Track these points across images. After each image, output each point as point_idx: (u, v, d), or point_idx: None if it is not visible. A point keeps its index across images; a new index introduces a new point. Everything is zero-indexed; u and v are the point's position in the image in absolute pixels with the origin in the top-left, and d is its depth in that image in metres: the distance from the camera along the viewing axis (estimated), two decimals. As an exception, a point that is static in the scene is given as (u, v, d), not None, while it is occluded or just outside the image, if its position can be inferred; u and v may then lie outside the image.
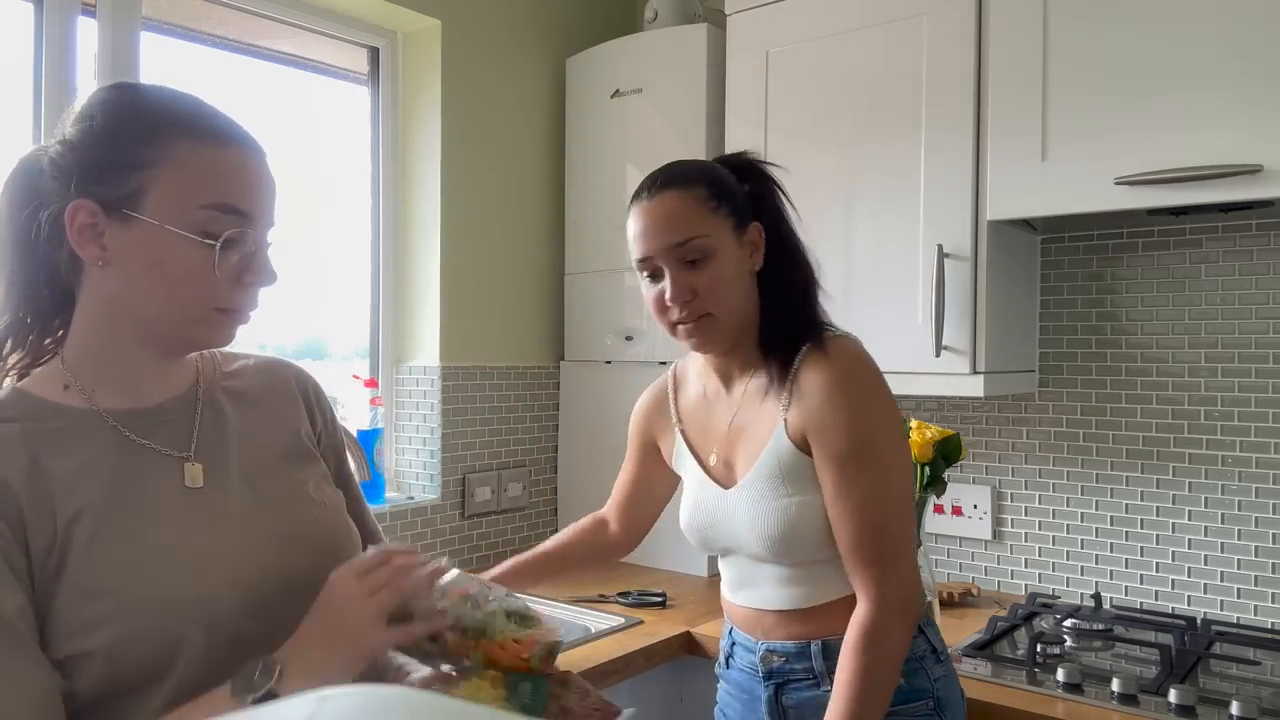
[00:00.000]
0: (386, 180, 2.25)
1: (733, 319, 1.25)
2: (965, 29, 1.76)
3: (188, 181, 0.85)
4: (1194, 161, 1.51)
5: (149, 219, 0.84)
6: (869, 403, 1.20)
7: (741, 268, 1.25)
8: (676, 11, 2.31)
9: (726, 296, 1.23)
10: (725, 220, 1.24)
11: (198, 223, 0.85)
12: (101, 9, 1.72)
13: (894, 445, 1.22)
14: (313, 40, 2.14)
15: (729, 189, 1.26)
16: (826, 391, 1.19)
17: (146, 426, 0.90)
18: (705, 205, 1.23)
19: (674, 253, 1.22)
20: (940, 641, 1.31)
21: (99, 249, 0.84)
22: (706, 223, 1.22)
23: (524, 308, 2.40)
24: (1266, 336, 1.80)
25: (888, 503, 1.18)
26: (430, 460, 2.22)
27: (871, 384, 1.22)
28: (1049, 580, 2.03)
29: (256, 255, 0.89)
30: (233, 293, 0.88)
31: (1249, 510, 1.82)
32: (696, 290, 1.22)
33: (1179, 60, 1.55)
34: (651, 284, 1.26)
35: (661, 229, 1.22)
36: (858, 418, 1.18)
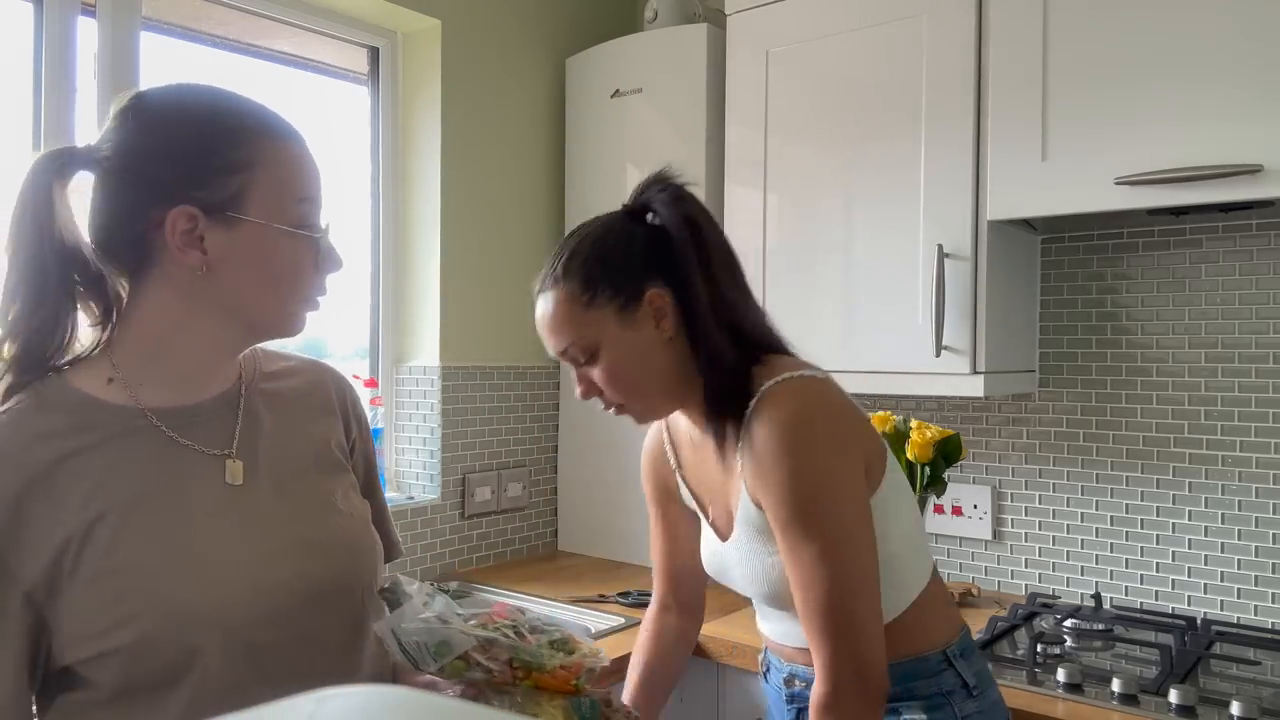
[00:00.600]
0: (386, 180, 2.25)
1: (649, 400, 1.19)
2: (965, 29, 1.76)
3: (281, 178, 0.88)
4: (1194, 161, 1.51)
5: (254, 219, 0.86)
6: (811, 463, 1.08)
7: (638, 348, 1.16)
8: (676, 11, 2.31)
9: (628, 385, 1.17)
10: (605, 308, 1.15)
11: (296, 217, 0.88)
12: (101, 9, 1.72)
13: (842, 508, 1.09)
14: (313, 40, 2.13)
15: (609, 267, 1.15)
16: (765, 453, 1.10)
17: (189, 424, 0.90)
18: (578, 303, 1.15)
19: (565, 357, 1.20)
20: (976, 674, 1.22)
21: (200, 253, 0.85)
22: (582, 324, 1.15)
23: (524, 308, 2.37)
24: (1266, 336, 1.80)
25: (836, 574, 1.07)
26: (430, 460, 2.22)
27: (815, 439, 1.09)
28: (1049, 580, 2.03)
29: (327, 243, 0.93)
30: (318, 281, 0.93)
31: (1249, 510, 1.82)
32: (596, 384, 1.18)
33: (1179, 60, 1.55)
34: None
35: (546, 335, 1.20)
36: (798, 482, 1.08)
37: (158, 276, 0.87)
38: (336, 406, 1.04)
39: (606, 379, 1.17)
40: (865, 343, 1.88)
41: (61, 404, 0.85)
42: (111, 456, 0.84)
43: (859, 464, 1.13)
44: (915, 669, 1.19)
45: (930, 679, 1.19)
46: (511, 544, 2.37)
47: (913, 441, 1.80)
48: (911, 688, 1.19)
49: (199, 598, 0.82)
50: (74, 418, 0.84)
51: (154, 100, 0.87)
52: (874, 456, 1.17)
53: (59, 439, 0.83)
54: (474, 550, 2.29)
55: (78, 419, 0.84)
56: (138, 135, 0.86)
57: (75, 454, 0.83)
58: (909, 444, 1.81)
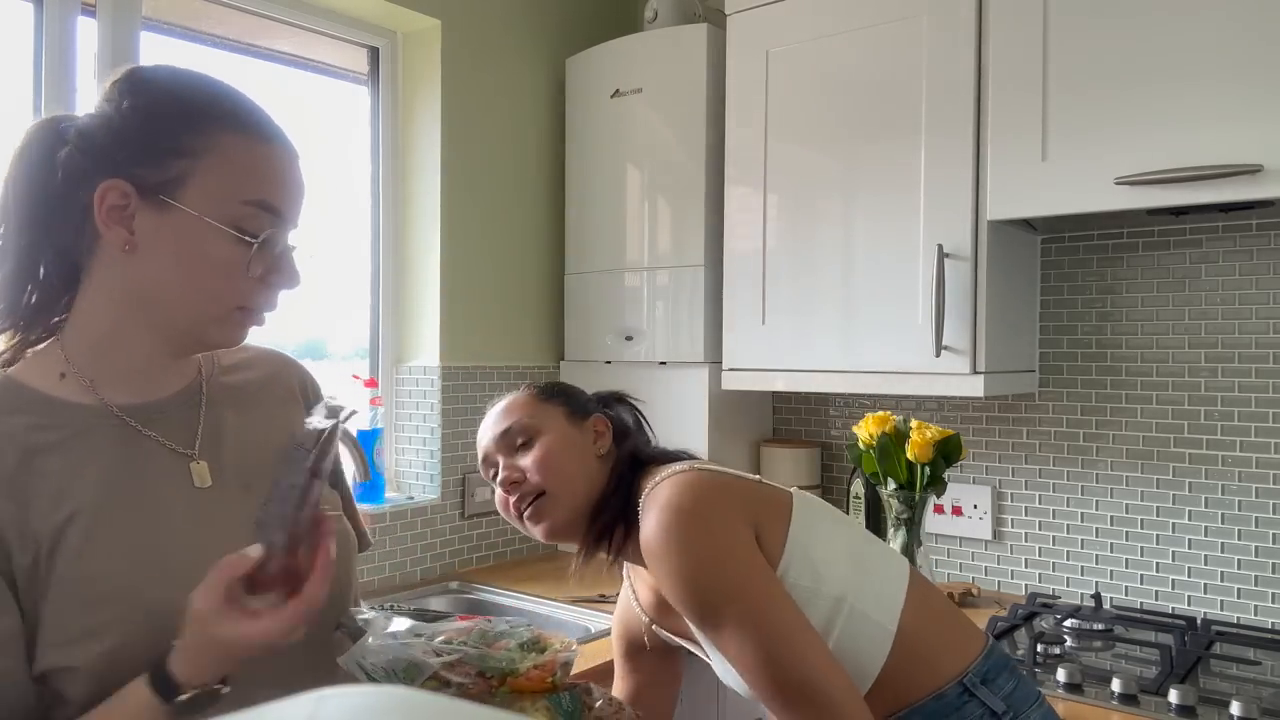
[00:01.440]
0: (386, 180, 2.25)
1: (568, 497, 1.21)
2: (965, 29, 1.76)
3: (231, 175, 0.82)
4: (1194, 161, 1.51)
5: (186, 208, 0.81)
6: (695, 549, 1.07)
7: (577, 445, 1.25)
8: (676, 11, 2.31)
9: (555, 470, 1.21)
10: (557, 408, 1.27)
11: (236, 218, 0.82)
12: (101, 9, 1.72)
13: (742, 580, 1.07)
14: (313, 40, 2.13)
15: (569, 393, 1.31)
16: (652, 557, 1.10)
17: (148, 421, 0.87)
18: (534, 399, 1.28)
19: (500, 444, 1.24)
20: (1008, 698, 1.13)
21: (126, 232, 0.81)
22: (532, 410, 1.26)
23: (524, 308, 2.40)
24: (1266, 336, 1.80)
25: (768, 644, 1.04)
26: (430, 460, 2.22)
27: (690, 526, 1.09)
28: (1049, 580, 2.03)
29: (284, 256, 0.87)
30: (256, 292, 0.86)
31: (1249, 510, 1.82)
32: (525, 469, 1.22)
33: (1179, 60, 1.55)
34: (498, 491, 1.26)
35: (493, 423, 1.27)
36: (691, 573, 1.07)
37: (100, 262, 0.83)
38: (299, 396, 1.02)
39: (539, 459, 1.21)
40: (865, 343, 1.88)
41: (16, 405, 0.82)
42: (75, 457, 0.81)
43: (744, 532, 1.11)
44: (934, 709, 1.11)
45: (952, 716, 1.11)
46: (511, 544, 2.37)
47: (913, 441, 1.80)
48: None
49: (173, 606, 0.78)
50: (33, 417, 0.81)
51: (137, 74, 0.84)
52: (765, 516, 1.14)
53: (20, 439, 0.80)
54: (474, 550, 2.29)
55: (38, 418, 0.81)
56: (106, 106, 0.83)
57: (38, 454, 0.79)
58: (909, 444, 1.81)
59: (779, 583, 1.09)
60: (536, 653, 0.91)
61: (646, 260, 2.27)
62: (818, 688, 1.02)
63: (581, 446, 1.25)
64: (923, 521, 1.84)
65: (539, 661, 0.90)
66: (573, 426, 1.26)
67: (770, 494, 1.18)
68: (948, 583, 2.06)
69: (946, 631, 1.16)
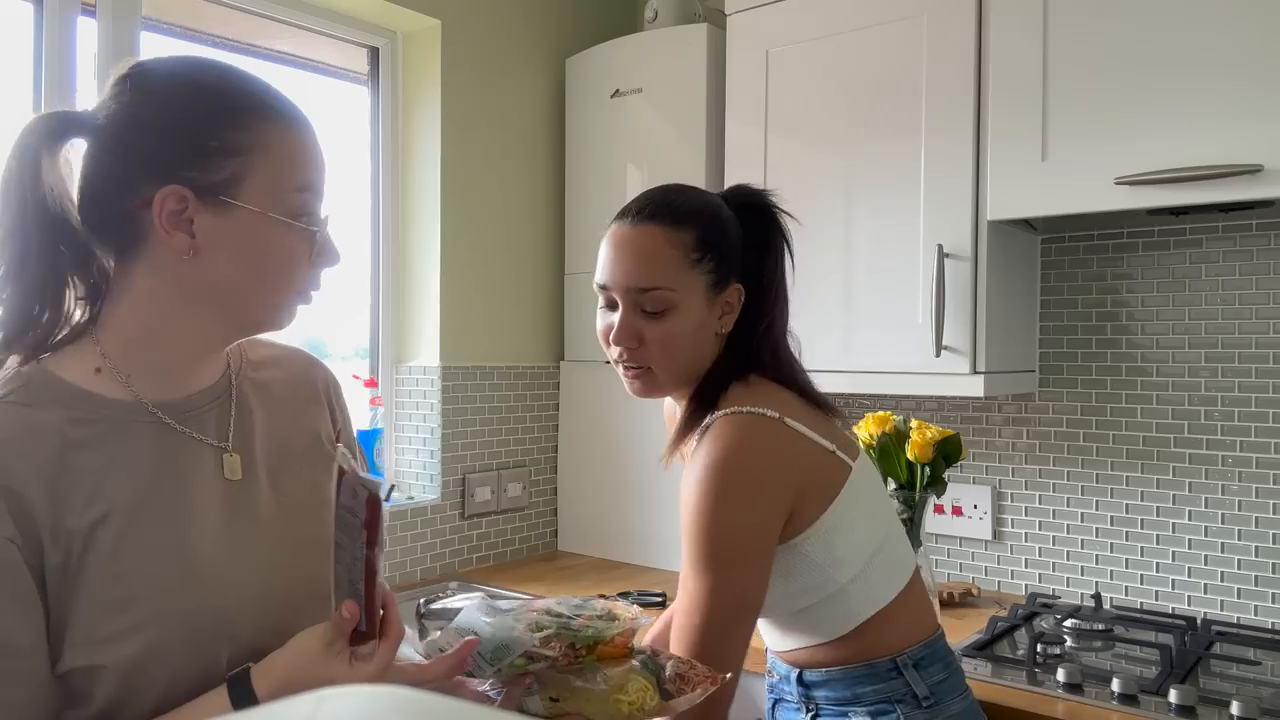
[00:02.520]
0: (386, 180, 2.25)
1: (674, 378, 1.17)
2: (965, 29, 1.76)
3: (280, 165, 0.83)
4: (1194, 161, 1.51)
5: (249, 206, 0.81)
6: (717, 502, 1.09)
7: (702, 329, 1.16)
8: (676, 11, 2.31)
9: (673, 356, 1.15)
10: (702, 277, 1.14)
11: (292, 207, 0.84)
12: (101, 9, 1.72)
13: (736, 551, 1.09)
14: (313, 40, 2.13)
15: (722, 239, 1.16)
16: (688, 479, 1.11)
17: (183, 418, 0.86)
18: (686, 256, 1.12)
19: (632, 295, 1.13)
20: (934, 686, 1.17)
21: (188, 236, 0.80)
22: (679, 276, 1.12)
23: (524, 308, 2.40)
24: (1267, 336, 1.80)
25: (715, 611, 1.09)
26: (430, 460, 2.22)
27: (728, 481, 1.09)
28: (1049, 580, 2.03)
29: (324, 237, 0.89)
30: (311, 275, 0.89)
31: (1249, 510, 1.82)
32: (644, 340, 1.14)
33: (1179, 60, 1.55)
34: (604, 313, 1.18)
35: (628, 266, 1.13)
36: (704, 517, 1.09)
37: (145, 259, 0.82)
38: (323, 397, 1.02)
39: (664, 340, 1.13)
40: (865, 343, 1.88)
41: (53, 397, 0.80)
42: (110, 453, 0.81)
43: (776, 507, 1.11)
44: (861, 675, 1.18)
45: (876, 686, 1.17)
46: (511, 544, 2.37)
47: (913, 441, 1.80)
48: (859, 694, 1.18)
49: (206, 606, 0.80)
50: (70, 411, 0.80)
51: (156, 70, 0.82)
52: (812, 487, 1.14)
53: (57, 433, 0.79)
54: (474, 550, 2.29)
55: (74, 412, 0.80)
56: (135, 105, 0.80)
57: (74, 449, 0.79)
58: (909, 444, 1.81)
59: (765, 571, 1.12)
60: (617, 622, 0.97)
61: (646, 260, 2.27)
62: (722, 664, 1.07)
63: (707, 327, 1.16)
64: (923, 521, 1.84)
65: (622, 629, 0.96)
66: (708, 303, 1.15)
67: (830, 467, 1.16)
68: (948, 583, 2.06)
69: (904, 618, 1.20)
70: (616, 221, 1.17)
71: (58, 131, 0.82)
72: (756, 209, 1.20)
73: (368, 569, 0.80)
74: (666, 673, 0.98)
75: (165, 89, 0.82)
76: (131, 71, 0.82)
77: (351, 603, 0.81)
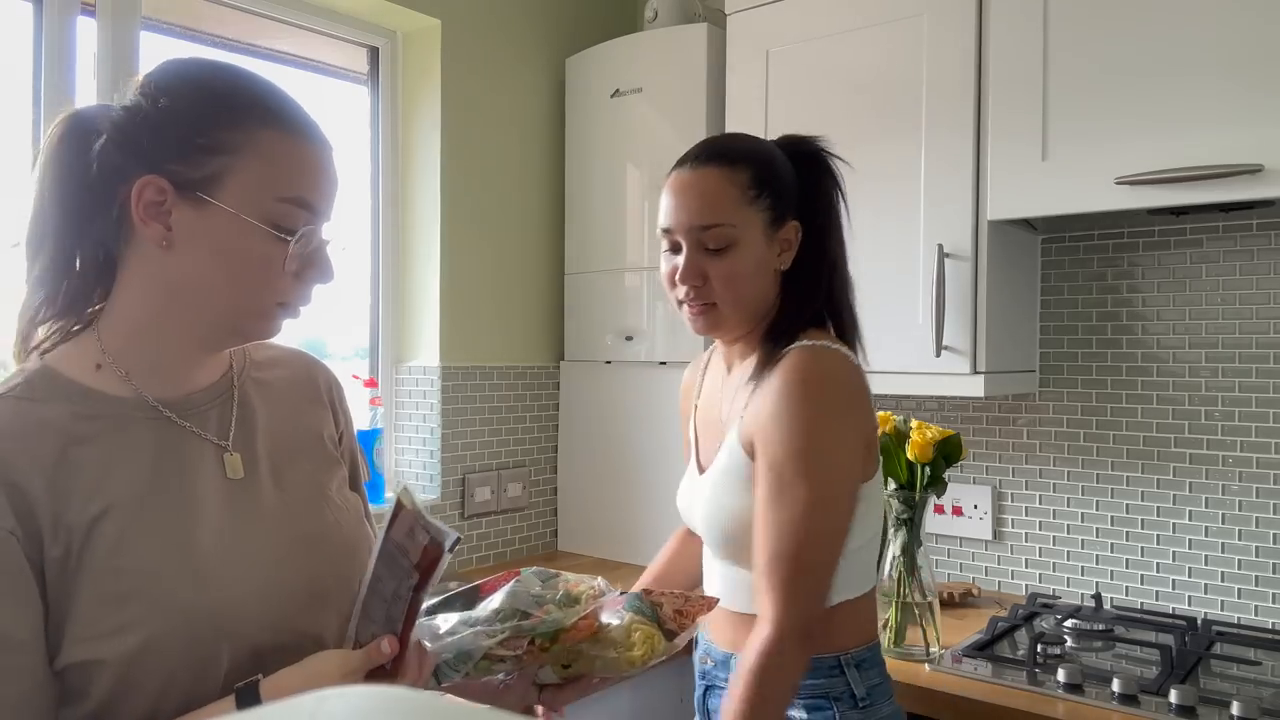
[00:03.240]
0: (386, 180, 2.25)
1: (739, 314, 1.21)
2: (965, 29, 1.76)
3: (268, 172, 0.82)
4: (1194, 161, 1.51)
5: (224, 206, 0.81)
6: (816, 421, 1.12)
7: (763, 265, 1.21)
8: (676, 11, 2.31)
9: (737, 292, 1.19)
10: (760, 214, 1.19)
11: (273, 215, 0.83)
12: (101, 9, 1.72)
13: (837, 468, 1.13)
14: (313, 40, 2.13)
15: (776, 178, 1.21)
16: (775, 401, 1.13)
17: (184, 414, 0.87)
18: (743, 193, 1.18)
19: (695, 234, 1.18)
20: (870, 688, 1.21)
21: (163, 228, 0.81)
22: (738, 212, 1.18)
23: (524, 308, 2.40)
24: (1267, 336, 1.80)
25: (813, 527, 1.10)
26: (430, 460, 2.22)
27: (828, 403, 1.13)
28: (1049, 580, 2.03)
29: (319, 252, 0.88)
30: (294, 288, 0.87)
31: (1249, 510, 1.82)
32: (708, 277, 1.18)
33: (1179, 60, 1.54)
34: (668, 256, 1.23)
35: (690, 207, 1.18)
36: (797, 434, 1.11)
37: (135, 253, 0.83)
38: (325, 398, 1.02)
39: (728, 276, 1.18)
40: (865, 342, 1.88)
41: (55, 392, 0.82)
42: (112, 449, 0.81)
43: (860, 440, 1.17)
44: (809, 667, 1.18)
45: (817, 681, 1.19)
46: (511, 544, 2.37)
47: (913, 441, 1.80)
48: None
49: (212, 600, 0.80)
50: (72, 406, 0.81)
51: (172, 68, 0.84)
52: (872, 446, 1.20)
53: (59, 429, 0.80)
54: (474, 550, 2.29)
55: (76, 408, 0.81)
56: (142, 100, 0.82)
57: (76, 444, 0.80)
58: (909, 444, 1.81)
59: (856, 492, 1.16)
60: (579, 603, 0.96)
61: (646, 260, 2.27)
62: (817, 586, 1.11)
63: (767, 264, 1.21)
64: (923, 522, 1.84)
65: (584, 612, 0.95)
66: (767, 239, 1.20)
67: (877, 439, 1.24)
68: (948, 583, 2.06)
69: (857, 619, 1.24)
70: (675, 170, 1.23)
71: (89, 125, 0.84)
72: (808, 155, 1.25)
73: (410, 610, 0.81)
74: (665, 610, 1.00)
75: (171, 85, 0.83)
76: (152, 70, 0.84)
77: (393, 639, 0.81)
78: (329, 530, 0.93)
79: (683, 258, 1.19)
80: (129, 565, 0.78)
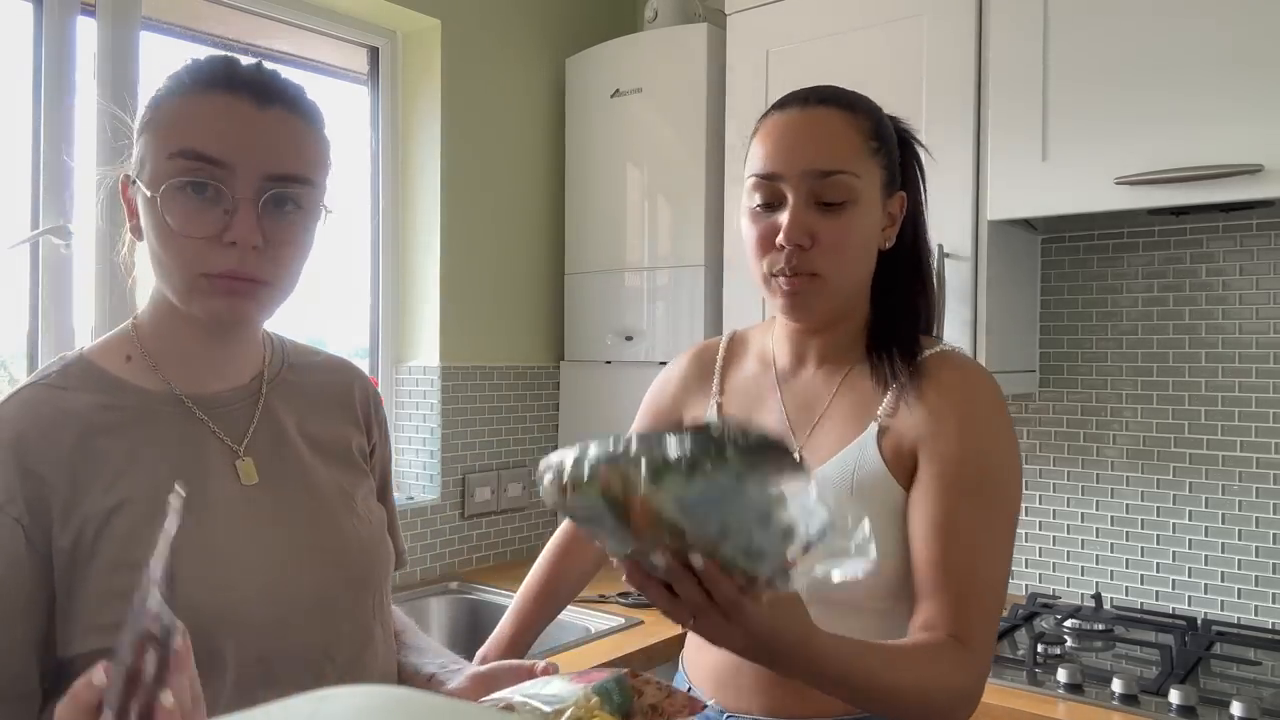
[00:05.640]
0: (386, 180, 2.25)
1: (843, 290, 1.00)
2: (965, 29, 1.76)
3: (160, 135, 0.80)
4: (1194, 161, 1.51)
5: (143, 186, 0.81)
6: (1006, 439, 1.00)
7: (874, 236, 1.01)
8: (676, 11, 2.31)
9: (849, 260, 0.99)
10: (880, 170, 1.00)
11: (162, 175, 0.78)
12: (101, 9, 1.72)
13: (1018, 498, 1.01)
14: (313, 40, 2.13)
15: (891, 138, 1.03)
16: (965, 410, 0.98)
17: (209, 411, 0.87)
18: (867, 142, 0.99)
19: (810, 182, 0.96)
20: None
21: (136, 221, 0.85)
22: (862, 162, 0.97)
23: (524, 308, 2.40)
24: (1267, 336, 1.80)
25: (1000, 558, 0.96)
26: (430, 460, 2.22)
27: (1008, 420, 1.02)
28: (1049, 580, 2.02)
29: (238, 211, 0.78)
30: (214, 254, 0.78)
31: (1250, 510, 1.82)
32: (817, 238, 0.96)
33: (1179, 60, 1.54)
34: (761, 214, 0.99)
35: (807, 148, 0.96)
36: (995, 450, 0.98)
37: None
38: (359, 409, 1.02)
39: (838, 238, 0.96)
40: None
41: (87, 382, 0.83)
42: (134, 441, 0.82)
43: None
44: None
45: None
46: (511, 544, 2.37)
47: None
48: None
49: (216, 600, 0.80)
50: (99, 397, 0.83)
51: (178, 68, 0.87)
52: None
53: (82, 418, 0.81)
54: (474, 550, 2.29)
55: (103, 398, 0.83)
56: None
57: (98, 434, 0.81)
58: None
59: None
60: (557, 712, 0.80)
61: (646, 260, 2.27)
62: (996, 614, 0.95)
63: (876, 232, 1.02)
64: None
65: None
66: (881, 202, 1.01)
67: None
68: (948, 583, 2.06)
69: None
70: (776, 112, 1.02)
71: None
72: (899, 130, 1.09)
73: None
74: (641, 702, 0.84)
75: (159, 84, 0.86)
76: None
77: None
78: (346, 540, 0.91)
79: (788, 212, 0.96)
80: (141, 559, 0.78)
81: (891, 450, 0.99)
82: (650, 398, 1.23)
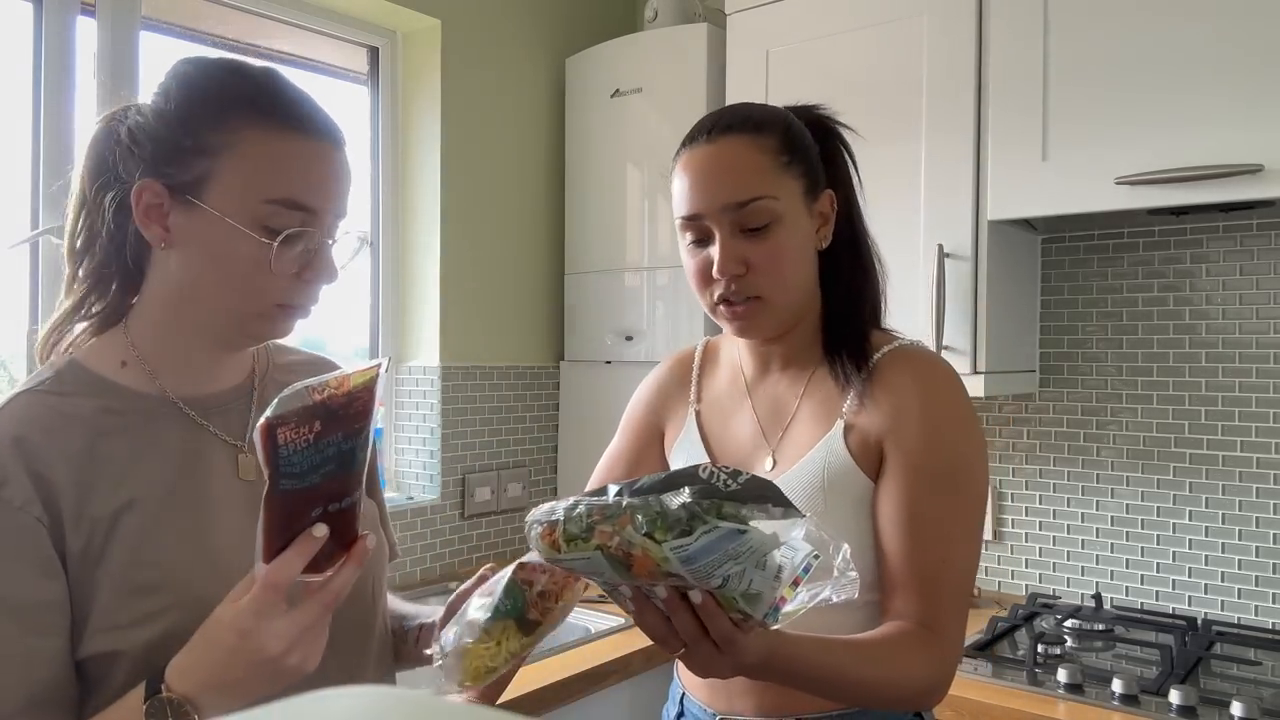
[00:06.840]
0: (386, 180, 2.25)
1: (787, 304, 1.03)
2: (965, 29, 1.76)
3: (253, 173, 0.81)
4: (1194, 161, 1.51)
5: (210, 209, 0.81)
6: (968, 428, 1.01)
7: (807, 243, 1.03)
8: (676, 11, 2.31)
9: (785, 277, 1.01)
10: (797, 181, 1.01)
11: (259, 217, 0.81)
12: (101, 9, 1.72)
13: (984, 485, 1.03)
14: (313, 40, 2.13)
15: (805, 143, 1.04)
16: (926, 402, 0.99)
17: (206, 413, 0.88)
18: (776, 159, 1.00)
19: (731, 214, 0.99)
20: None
21: (163, 230, 0.82)
22: (775, 182, 0.99)
23: (524, 308, 2.40)
24: (1267, 336, 1.80)
25: (968, 545, 0.99)
26: (430, 460, 2.22)
27: (970, 409, 1.03)
28: (1049, 580, 2.02)
29: (319, 253, 0.86)
30: (293, 289, 0.85)
31: (1250, 510, 1.82)
32: (750, 264, 0.99)
33: (1179, 60, 1.54)
34: (695, 250, 1.03)
35: (720, 182, 0.99)
36: (958, 440, 0.99)
37: (156, 256, 0.85)
38: None
39: (770, 259, 0.99)
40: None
41: (83, 387, 0.84)
42: (137, 443, 0.83)
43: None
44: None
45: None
46: (511, 544, 2.37)
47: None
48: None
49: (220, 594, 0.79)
50: (99, 401, 0.83)
51: (179, 68, 0.85)
52: None
53: (87, 422, 0.82)
54: (474, 550, 2.29)
55: (103, 402, 0.83)
56: (151, 104, 0.84)
57: (103, 438, 0.82)
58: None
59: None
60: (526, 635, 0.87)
61: (646, 260, 2.27)
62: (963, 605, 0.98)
63: (809, 242, 1.04)
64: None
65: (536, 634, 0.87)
66: (807, 213, 1.03)
67: None
68: (948, 583, 2.06)
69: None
70: (687, 147, 1.04)
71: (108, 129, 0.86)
72: (815, 121, 1.09)
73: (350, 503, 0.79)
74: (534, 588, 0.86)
75: (171, 86, 0.84)
76: (171, 69, 0.86)
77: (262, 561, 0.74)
78: None
79: (717, 246, 0.99)
80: (151, 558, 0.80)
81: (859, 445, 1.02)
82: (630, 412, 1.26)
